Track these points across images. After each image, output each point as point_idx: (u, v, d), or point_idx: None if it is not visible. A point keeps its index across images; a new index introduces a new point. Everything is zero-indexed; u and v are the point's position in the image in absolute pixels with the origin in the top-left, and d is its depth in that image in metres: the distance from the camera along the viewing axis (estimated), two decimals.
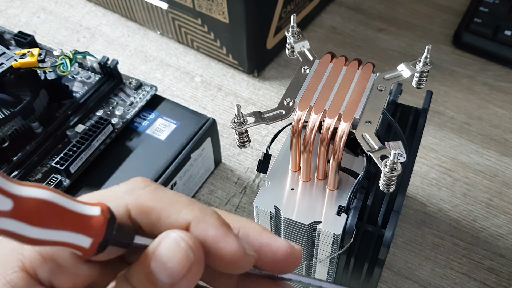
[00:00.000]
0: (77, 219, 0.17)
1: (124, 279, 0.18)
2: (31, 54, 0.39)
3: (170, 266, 0.17)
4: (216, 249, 0.18)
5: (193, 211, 0.19)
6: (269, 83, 0.55)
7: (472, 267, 0.42)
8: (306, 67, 0.31)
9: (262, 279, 0.20)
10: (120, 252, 0.19)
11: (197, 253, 0.17)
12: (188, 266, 0.17)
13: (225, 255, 0.18)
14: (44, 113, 0.42)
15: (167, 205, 0.19)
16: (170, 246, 0.17)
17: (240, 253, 0.18)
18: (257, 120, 0.28)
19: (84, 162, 0.40)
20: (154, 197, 0.19)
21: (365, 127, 0.28)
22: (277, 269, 0.20)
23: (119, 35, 0.61)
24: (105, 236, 0.17)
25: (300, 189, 0.31)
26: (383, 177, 0.26)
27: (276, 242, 0.19)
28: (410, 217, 0.44)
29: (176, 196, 0.19)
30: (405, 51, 0.58)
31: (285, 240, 0.20)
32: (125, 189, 0.19)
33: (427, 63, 0.30)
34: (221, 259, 0.18)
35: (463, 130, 0.51)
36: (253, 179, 0.48)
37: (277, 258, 0.19)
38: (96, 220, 0.17)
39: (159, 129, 0.44)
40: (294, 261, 0.20)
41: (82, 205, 0.17)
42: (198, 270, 0.18)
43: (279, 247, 0.19)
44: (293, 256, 0.20)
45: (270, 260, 0.19)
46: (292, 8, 0.55)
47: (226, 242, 0.18)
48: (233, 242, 0.18)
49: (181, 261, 0.17)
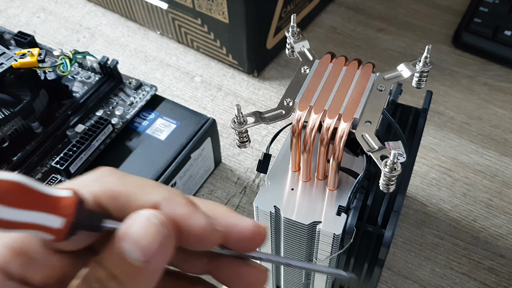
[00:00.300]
0: (48, 200, 0.17)
1: (97, 263, 0.18)
2: (31, 54, 0.39)
3: (143, 243, 0.17)
4: (186, 226, 0.18)
5: (162, 192, 0.19)
6: (269, 83, 0.55)
7: (472, 267, 0.42)
8: (306, 67, 0.31)
9: (232, 259, 0.21)
10: (90, 240, 0.19)
11: (169, 228, 0.18)
12: (160, 241, 0.17)
13: (195, 231, 0.19)
14: (44, 113, 0.42)
15: (135, 188, 0.19)
16: (142, 224, 0.17)
17: (208, 228, 0.19)
18: (257, 120, 0.28)
19: (84, 162, 0.40)
20: (121, 182, 0.19)
21: (365, 127, 0.28)
22: (245, 247, 0.21)
23: (119, 35, 0.61)
24: (76, 215, 0.17)
25: (300, 189, 0.31)
26: (383, 177, 0.26)
27: (243, 221, 0.20)
28: (410, 217, 0.44)
29: (143, 180, 0.20)
30: (405, 51, 0.58)
31: (251, 219, 0.21)
32: (91, 178, 0.20)
33: (427, 63, 0.30)
34: (191, 235, 0.19)
35: (463, 130, 0.51)
36: (253, 179, 0.48)
37: (244, 236, 0.20)
38: (67, 199, 0.17)
39: (159, 129, 0.44)
40: (260, 238, 0.21)
41: (53, 188, 0.17)
42: (171, 245, 0.18)
43: (245, 226, 0.20)
44: (259, 233, 0.20)
45: (237, 239, 0.20)
46: (292, 8, 0.55)
47: (195, 218, 0.19)
48: (202, 218, 0.19)
49: (154, 236, 0.17)
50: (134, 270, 0.17)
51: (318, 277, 0.34)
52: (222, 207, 0.21)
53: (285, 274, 0.35)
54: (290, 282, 0.36)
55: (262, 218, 0.31)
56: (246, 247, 0.21)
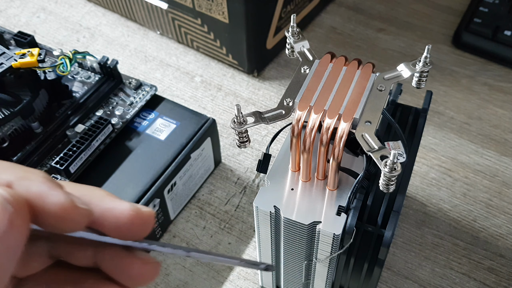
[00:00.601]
0: None
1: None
2: (31, 54, 0.39)
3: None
4: (41, 204, 0.17)
5: (15, 171, 0.18)
6: (269, 83, 0.55)
7: (472, 267, 0.42)
8: (306, 67, 0.31)
9: (118, 251, 0.19)
10: None
11: (18, 206, 0.16)
12: (7, 219, 0.16)
13: (52, 209, 0.17)
14: (44, 113, 0.42)
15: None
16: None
17: (68, 205, 0.17)
18: (257, 120, 0.28)
19: (84, 162, 0.40)
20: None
21: (365, 127, 0.28)
22: (125, 235, 0.19)
23: (119, 35, 0.61)
24: None
25: (300, 189, 0.31)
26: (383, 177, 0.26)
27: (120, 206, 0.19)
28: (410, 217, 0.44)
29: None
30: (405, 51, 0.58)
31: (131, 204, 0.19)
32: None
33: (427, 63, 0.30)
34: (48, 214, 0.17)
35: (463, 130, 0.51)
36: (253, 179, 0.48)
37: (121, 222, 0.19)
38: None
39: (159, 129, 0.44)
40: (141, 224, 0.19)
41: None
42: (22, 223, 0.17)
43: (122, 210, 0.19)
44: (140, 219, 0.19)
45: (114, 225, 0.19)
46: (292, 8, 0.55)
47: (52, 195, 0.17)
48: (59, 195, 0.17)
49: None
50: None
51: (318, 277, 0.34)
52: (99, 191, 0.20)
53: (285, 274, 0.35)
54: (290, 282, 0.36)
55: (262, 218, 0.31)
56: (126, 234, 0.19)
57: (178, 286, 0.41)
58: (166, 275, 0.42)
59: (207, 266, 0.42)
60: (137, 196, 0.39)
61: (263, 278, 0.39)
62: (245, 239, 0.44)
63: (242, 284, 0.41)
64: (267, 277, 0.38)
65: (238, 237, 0.44)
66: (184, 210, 0.46)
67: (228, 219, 0.45)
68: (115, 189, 0.40)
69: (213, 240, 0.44)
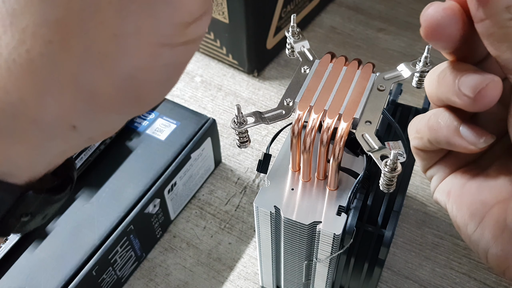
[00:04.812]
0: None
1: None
2: None
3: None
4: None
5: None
6: (269, 83, 0.55)
7: (472, 267, 0.42)
8: (306, 67, 0.31)
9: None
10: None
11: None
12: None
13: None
14: None
15: None
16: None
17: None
18: (257, 120, 0.28)
19: (84, 162, 0.40)
20: None
21: (365, 127, 0.28)
22: None
23: None
24: None
25: (300, 189, 0.31)
26: (383, 177, 0.26)
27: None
28: (410, 217, 0.44)
29: None
30: (405, 51, 0.58)
31: None
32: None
33: (427, 63, 0.30)
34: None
35: None
36: (253, 179, 0.48)
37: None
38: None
39: (159, 129, 0.44)
40: None
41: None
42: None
43: None
44: None
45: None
46: (292, 8, 0.55)
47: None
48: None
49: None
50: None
51: (318, 277, 0.34)
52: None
53: (285, 274, 0.35)
54: (290, 282, 0.36)
55: (262, 218, 0.31)
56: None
57: (178, 286, 0.41)
58: (166, 275, 0.42)
59: (207, 266, 0.42)
60: (137, 196, 0.39)
61: (263, 278, 0.39)
62: (245, 239, 0.44)
63: (242, 284, 0.41)
64: (267, 277, 0.38)
65: (238, 237, 0.44)
66: (184, 210, 0.46)
67: (228, 219, 0.45)
68: (115, 189, 0.40)
69: (213, 240, 0.44)
